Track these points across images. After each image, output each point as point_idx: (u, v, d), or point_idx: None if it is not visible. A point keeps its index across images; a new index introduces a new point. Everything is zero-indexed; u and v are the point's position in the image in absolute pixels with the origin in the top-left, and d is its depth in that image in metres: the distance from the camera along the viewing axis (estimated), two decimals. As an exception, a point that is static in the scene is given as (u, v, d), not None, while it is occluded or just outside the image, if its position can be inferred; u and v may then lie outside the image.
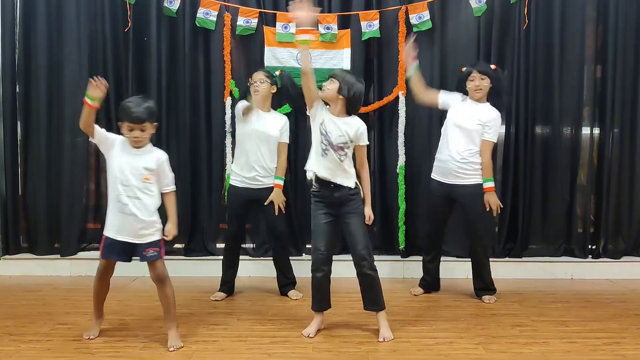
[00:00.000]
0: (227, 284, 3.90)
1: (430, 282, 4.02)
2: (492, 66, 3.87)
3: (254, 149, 3.77)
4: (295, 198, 4.59)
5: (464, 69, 3.83)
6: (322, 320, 3.24)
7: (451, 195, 3.78)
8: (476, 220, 3.77)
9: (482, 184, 3.73)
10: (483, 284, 3.89)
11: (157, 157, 3.03)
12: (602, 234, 4.61)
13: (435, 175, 3.86)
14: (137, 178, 2.93)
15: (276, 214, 3.77)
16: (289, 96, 3.88)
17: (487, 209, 3.73)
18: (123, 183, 2.91)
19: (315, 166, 3.11)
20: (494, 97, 3.81)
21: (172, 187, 3.10)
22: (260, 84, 3.80)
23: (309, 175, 3.17)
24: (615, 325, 3.36)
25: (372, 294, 3.15)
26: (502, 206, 3.80)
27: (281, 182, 3.83)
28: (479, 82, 3.74)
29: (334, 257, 4.46)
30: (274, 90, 3.89)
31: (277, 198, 3.79)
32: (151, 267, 3.01)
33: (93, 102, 2.88)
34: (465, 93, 3.82)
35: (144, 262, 2.98)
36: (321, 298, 3.22)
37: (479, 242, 3.83)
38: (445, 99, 3.89)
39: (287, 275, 3.95)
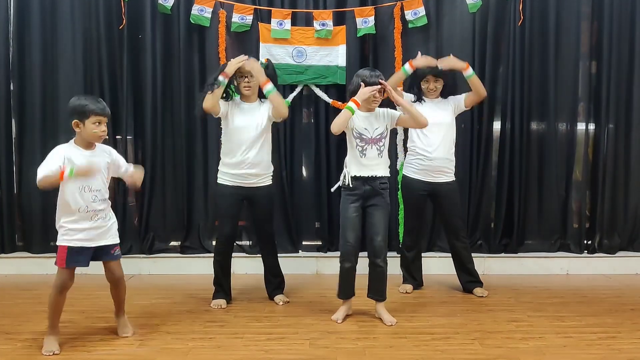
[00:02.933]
0: (228, 291, 3.74)
1: (419, 281, 4.05)
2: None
3: (248, 144, 3.53)
4: (292, 196, 4.59)
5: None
6: (349, 307, 3.40)
7: (433, 192, 3.84)
8: (455, 214, 3.87)
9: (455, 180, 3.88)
10: (472, 276, 3.93)
11: (107, 150, 3.00)
12: (598, 229, 4.62)
13: (414, 175, 3.84)
14: (102, 179, 2.91)
15: None
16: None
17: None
18: (92, 189, 2.85)
19: (356, 169, 3.28)
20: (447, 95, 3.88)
21: (131, 166, 3.08)
22: (251, 79, 3.51)
23: (345, 177, 3.30)
24: (610, 320, 3.37)
25: (379, 284, 3.35)
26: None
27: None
28: (433, 85, 3.80)
29: (331, 255, 4.52)
30: None
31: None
32: (113, 266, 3.00)
33: (71, 177, 2.74)
34: (419, 89, 3.87)
35: (108, 260, 2.98)
36: (347, 287, 3.37)
37: (460, 236, 3.88)
38: None
39: (277, 274, 3.82)
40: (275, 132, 4.28)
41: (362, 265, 3.40)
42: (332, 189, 3.48)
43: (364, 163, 3.28)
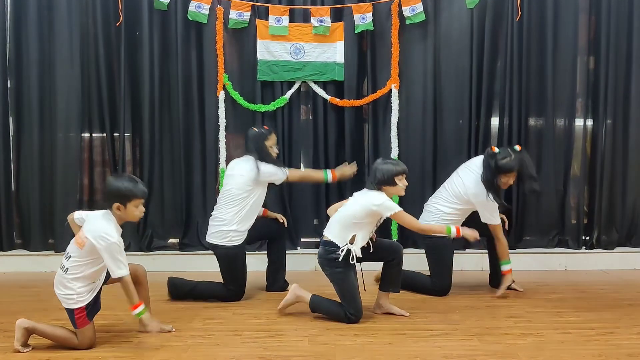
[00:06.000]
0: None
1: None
2: (517, 147, 3.69)
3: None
4: (290, 193, 4.58)
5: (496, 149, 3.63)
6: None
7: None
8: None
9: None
10: None
11: None
12: (596, 225, 4.63)
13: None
14: None
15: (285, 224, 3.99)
16: None
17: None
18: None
19: (359, 248, 3.26)
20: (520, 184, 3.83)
21: None
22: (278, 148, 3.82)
23: (350, 255, 3.22)
24: (609, 315, 3.38)
25: (398, 277, 3.41)
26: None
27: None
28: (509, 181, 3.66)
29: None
30: None
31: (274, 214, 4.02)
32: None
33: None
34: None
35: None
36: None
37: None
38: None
39: (282, 278, 3.95)
40: (273, 130, 4.27)
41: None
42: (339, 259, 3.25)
43: (365, 238, 3.30)
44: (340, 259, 3.19)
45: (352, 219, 3.23)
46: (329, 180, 3.95)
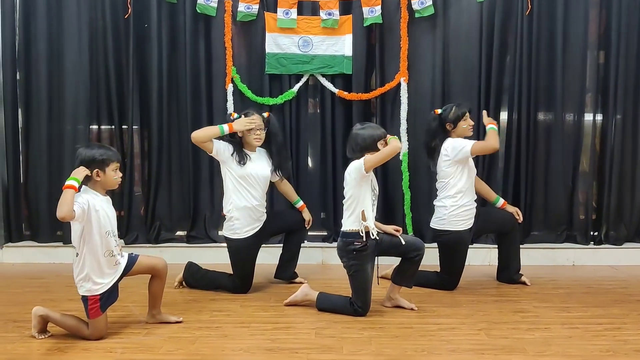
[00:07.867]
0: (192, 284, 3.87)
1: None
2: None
3: (258, 191, 3.62)
4: (297, 186, 4.58)
5: None
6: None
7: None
8: (496, 220, 3.98)
9: None
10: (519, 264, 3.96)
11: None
12: (604, 220, 4.61)
13: (468, 226, 3.71)
14: (115, 221, 2.93)
15: (307, 227, 3.91)
16: (275, 143, 3.72)
17: None
18: (114, 233, 2.88)
19: (372, 222, 3.22)
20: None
21: None
22: (261, 131, 3.59)
23: (371, 234, 3.18)
24: (616, 311, 3.36)
25: (415, 272, 3.38)
26: None
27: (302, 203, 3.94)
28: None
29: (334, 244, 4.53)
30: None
31: (308, 215, 3.91)
32: (144, 262, 3.02)
33: (79, 184, 2.71)
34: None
35: (135, 264, 2.98)
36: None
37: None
38: None
39: (293, 267, 3.96)
40: (281, 123, 4.29)
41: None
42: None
43: (374, 213, 3.28)
44: (363, 239, 3.16)
45: (350, 200, 3.23)
46: (225, 131, 3.53)
